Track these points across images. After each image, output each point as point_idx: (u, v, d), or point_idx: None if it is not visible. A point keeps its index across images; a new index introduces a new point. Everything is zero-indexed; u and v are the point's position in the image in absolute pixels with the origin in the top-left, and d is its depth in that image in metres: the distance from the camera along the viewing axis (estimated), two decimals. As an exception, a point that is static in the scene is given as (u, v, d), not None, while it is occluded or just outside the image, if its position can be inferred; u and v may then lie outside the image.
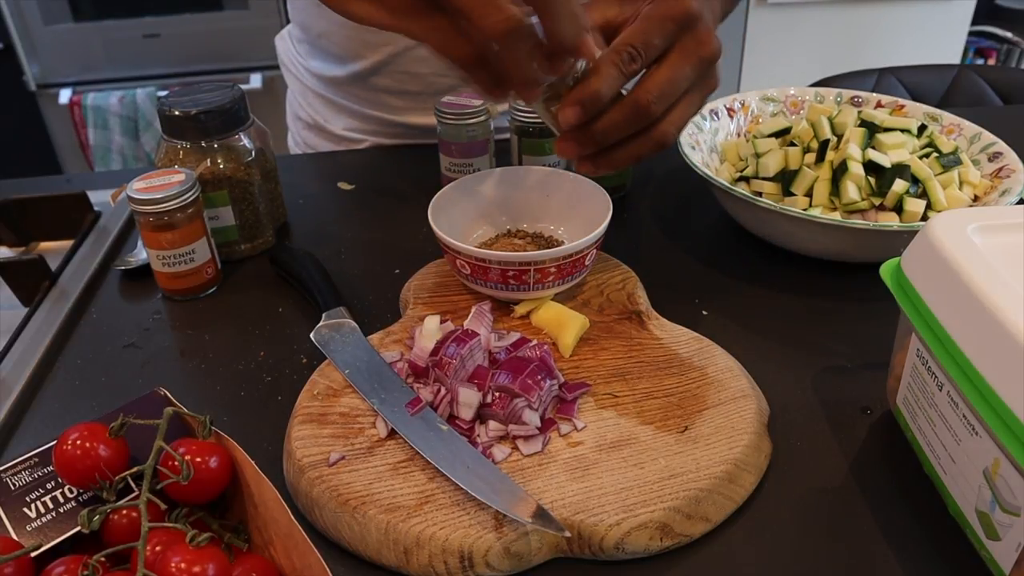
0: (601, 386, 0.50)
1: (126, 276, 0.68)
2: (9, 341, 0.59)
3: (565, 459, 0.45)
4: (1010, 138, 0.68)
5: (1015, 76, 1.47)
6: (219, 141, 0.64)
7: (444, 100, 0.72)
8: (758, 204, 0.60)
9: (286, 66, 0.96)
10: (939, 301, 0.41)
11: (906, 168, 0.62)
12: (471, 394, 0.47)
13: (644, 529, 0.41)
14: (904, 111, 0.74)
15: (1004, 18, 2.54)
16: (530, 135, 0.73)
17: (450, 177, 0.73)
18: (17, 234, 0.78)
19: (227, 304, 0.64)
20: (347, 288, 0.63)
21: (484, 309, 0.56)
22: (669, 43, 0.49)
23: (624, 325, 0.56)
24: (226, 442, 0.41)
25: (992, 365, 0.36)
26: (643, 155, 0.52)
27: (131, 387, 0.55)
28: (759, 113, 0.77)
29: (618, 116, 0.49)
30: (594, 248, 0.56)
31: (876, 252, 0.57)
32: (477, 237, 0.64)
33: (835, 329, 0.58)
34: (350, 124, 0.90)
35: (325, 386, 0.51)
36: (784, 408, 0.51)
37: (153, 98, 2.13)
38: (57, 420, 0.53)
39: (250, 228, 0.68)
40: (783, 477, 0.46)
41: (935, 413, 0.42)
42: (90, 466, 0.38)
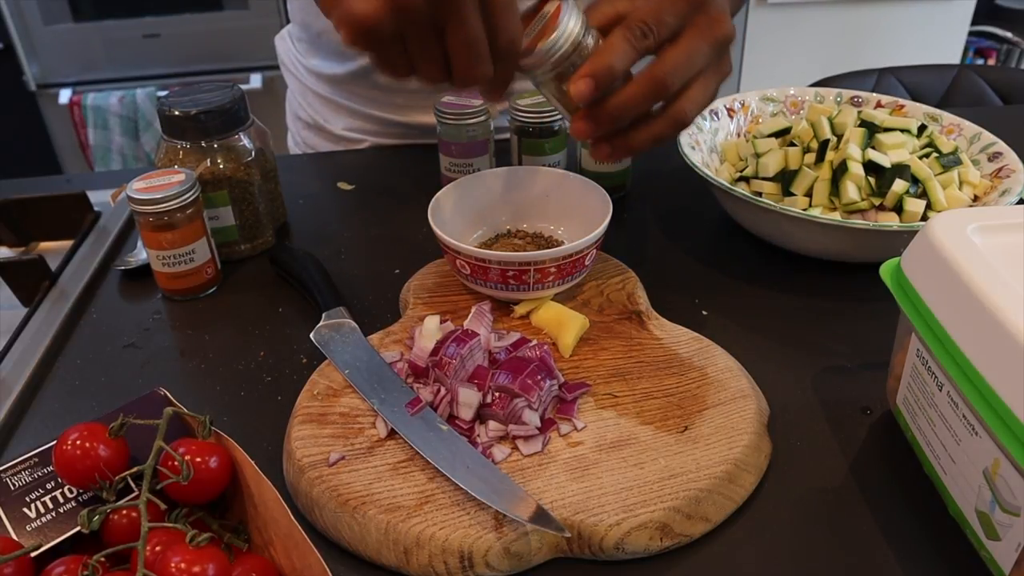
0: (601, 386, 0.50)
1: (126, 276, 0.68)
2: (9, 341, 0.59)
3: (565, 459, 0.45)
4: (1010, 138, 0.68)
5: (1015, 76, 1.48)
6: (219, 141, 0.64)
7: (444, 100, 0.72)
8: (758, 204, 0.60)
9: (286, 66, 0.96)
10: (939, 301, 0.41)
11: (906, 168, 0.62)
12: (471, 394, 0.47)
13: (644, 529, 0.41)
14: (904, 111, 0.74)
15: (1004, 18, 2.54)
16: (530, 135, 0.73)
17: (450, 177, 0.73)
18: (17, 234, 0.78)
19: (227, 304, 0.64)
20: (347, 288, 0.63)
21: (484, 309, 0.56)
22: (682, 23, 0.48)
23: (624, 325, 0.56)
24: (226, 442, 0.41)
25: (992, 365, 0.36)
26: (662, 136, 0.51)
27: (131, 387, 0.55)
28: (759, 113, 0.77)
29: (634, 91, 0.48)
30: (594, 248, 0.56)
31: (876, 252, 0.57)
32: (477, 237, 0.64)
33: (835, 329, 0.58)
34: (350, 124, 0.90)
35: (325, 386, 0.51)
36: (784, 408, 0.51)
37: (153, 98, 2.13)
38: (57, 420, 0.53)
39: (250, 228, 0.68)
40: (783, 477, 0.46)
41: (935, 413, 0.42)
42: (90, 466, 0.38)
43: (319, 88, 0.91)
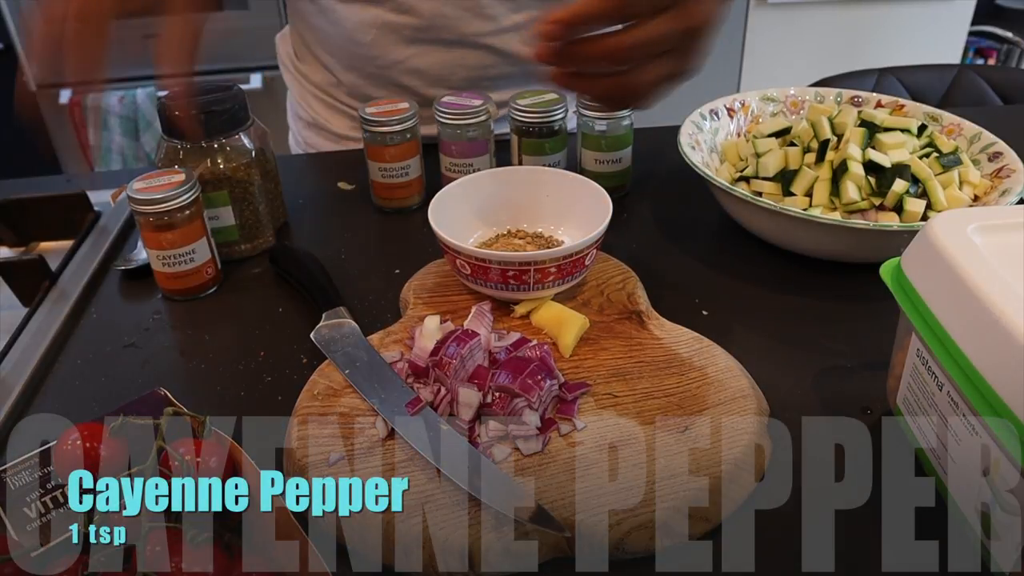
0: (601, 386, 0.50)
1: (126, 276, 0.68)
2: (9, 341, 0.59)
3: (565, 459, 0.45)
4: (1010, 138, 0.68)
5: (1015, 76, 1.48)
6: (219, 141, 0.64)
7: (444, 100, 0.72)
8: (758, 204, 0.60)
9: (286, 66, 0.96)
10: (939, 301, 0.41)
11: (906, 168, 0.62)
12: (471, 394, 0.47)
13: (644, 529, 0.41)
14: (904, 111, 0.74)
15: (1004, 18, 2.54)
16: (530, 135, 0.73)
17: (450, 177, 0.73)
18: (17, 234, 0.78)
19: (227, 304, 0.64)
20: (347, 288, 0.63)
21: (484, 309, 0.56)
22: (666, 4, 0.49)
23: (624, 325, 0.56)
24: (226, 442, 0.41)
25: (992, 365, 0.36)
26: (613, 96, 0.52)
27: (131, 387, 0.55)
28: (759, 113, 0.77)
29: (595, 46, 0.49)
30: (594, 248, 0.56)
31: (876, 252, 0.57)
32: (477, 237, 0.64)
33: (835, 329, 0.58)
34: (350, 123, 0.90)
35: (325, 386, 0.51)
36: (784, 408, 0.51)
37: (153, 98, 2.13)
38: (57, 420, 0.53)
39: (250, 228, 0.68)
40: (783, 477, 0.46)
41: (935, 413, 0.42)
42: (90, 466, 0.38)
43: (317, 90, 0.91)
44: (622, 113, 0.71)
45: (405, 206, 0.75)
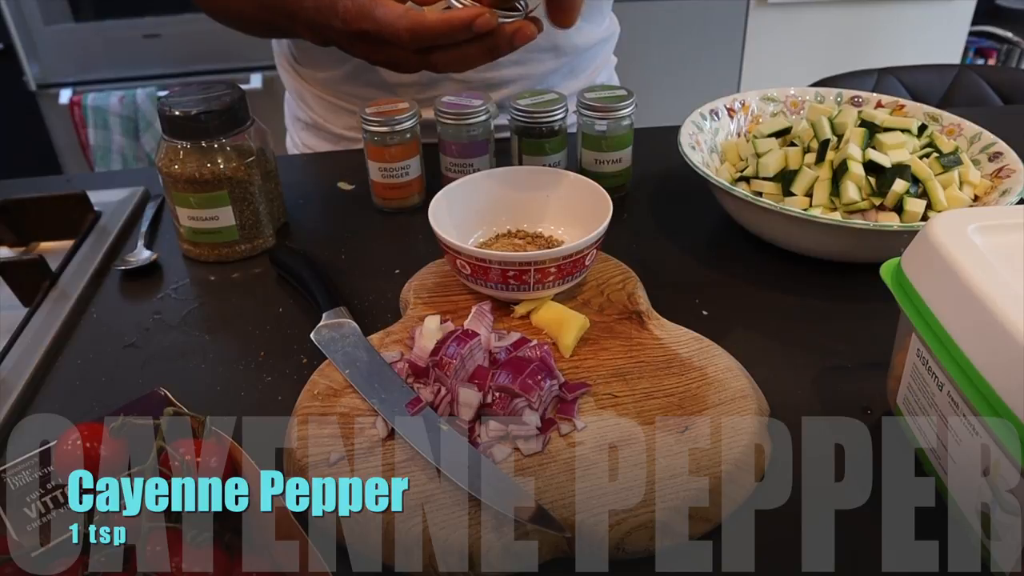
0: (601, 386, 0.50)
1: (126, 276, 0.68)
2: (9, 341, 0.59)
3: (565, 459, 0.45)
4: (1010, 138, 0.68)
5: (1015, 76, 1.48)
6: (219, 141, 0.64)
7: (444, 100, 0.72)
8: (758, 204, 0.60)
9: (284, 67, 0.96)
10: (939, 301, 0.41)
11: (906, 168, 0.62)
12: (471, 394, 0.47)
13: (644, 529, 0.41)
14: (904, 111, 0.74)
15: (1004, 18, 2.53)
16: (530, 135, 0.73)
17: (450, 177, 0.73)
18: (17, 234, 0.78)
19: (227, 304, 0.64)
20: (347, 288, 0.63)
21: (484, 309, 0.56)
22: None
23: (624, 325, 0.56)
24: (226, 442, 0.41)
25: (992, 365, 0.36)
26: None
27: (131, 387, 0.55)
28: (759, 113, 0.77)
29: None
30: (594, 248, 0.56)
31: (876, 252, 0.57)
32: (477, 237, 0.64)
33: (835, 329, 0.58)
34: (350, 123, 0.90)
35: (325, 386, 0.51)
36: (784, 408, 0.51)
37: (153, 98, 2.13)
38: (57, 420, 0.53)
39: (250, 228, 0.68)
40: (783, 477, 0.46)
41: (935, 413, 0.42)
42: (90, 466, 0.38)
43: (316, 89, 0.91)
44: (623, 113, 0.71)
45: (405, 206, 0.75)
